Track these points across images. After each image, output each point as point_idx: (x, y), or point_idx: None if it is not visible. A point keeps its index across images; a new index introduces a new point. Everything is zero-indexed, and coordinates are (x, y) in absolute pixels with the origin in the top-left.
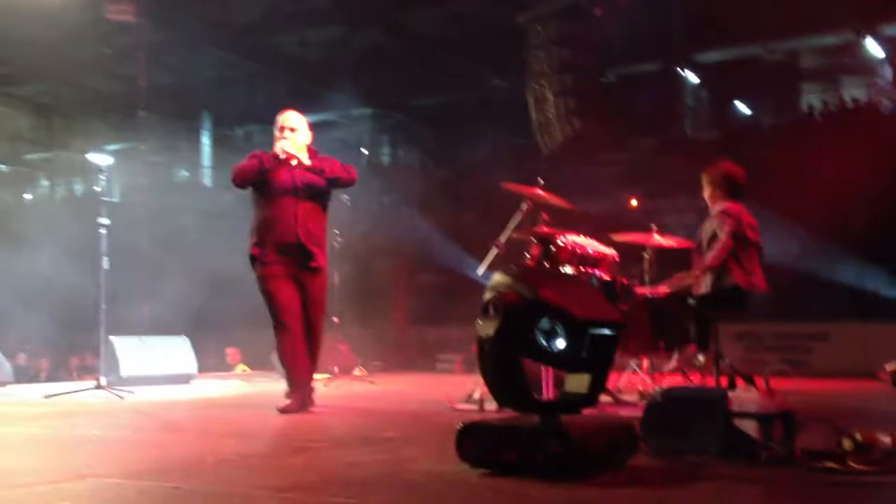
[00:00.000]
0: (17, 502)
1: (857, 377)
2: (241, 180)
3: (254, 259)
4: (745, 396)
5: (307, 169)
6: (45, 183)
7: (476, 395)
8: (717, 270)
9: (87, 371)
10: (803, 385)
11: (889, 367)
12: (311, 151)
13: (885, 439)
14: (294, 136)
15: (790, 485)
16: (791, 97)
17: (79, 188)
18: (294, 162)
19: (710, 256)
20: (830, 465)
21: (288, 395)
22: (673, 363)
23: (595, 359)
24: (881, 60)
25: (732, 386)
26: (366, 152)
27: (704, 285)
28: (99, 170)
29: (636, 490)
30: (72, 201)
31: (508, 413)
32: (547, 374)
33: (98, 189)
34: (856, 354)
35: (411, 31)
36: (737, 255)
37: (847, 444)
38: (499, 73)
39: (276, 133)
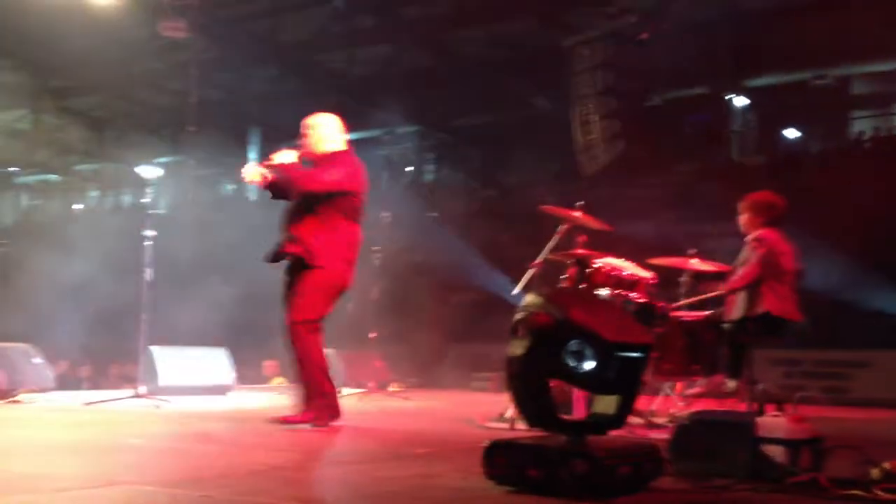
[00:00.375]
0: None
1: None
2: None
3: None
4: (773, 422)
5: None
6: (95, 193)
7: (508, 414)
8: (750, 297)
9: (126, 379)
10: (841, 413)
11: None
12: (329, 155)
13: None
14: (306, 140)
15: None
16: (840, 123)
17: (127, 199)
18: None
19: (733, 279)
20: (857, 492)
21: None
22: (697, 388)
23: (623, 380)
24: None
25: (762, 412)
26: (409, 169)
27: (736, 311)
28: (145, 182)
29: None
30: (119, 212)
31: (537, 432)
32: (579, 395)
33: (144, 201)
34: None
35: (458, 51)
36: (769, 283)
37: (875, 472)
38: (544, 95)
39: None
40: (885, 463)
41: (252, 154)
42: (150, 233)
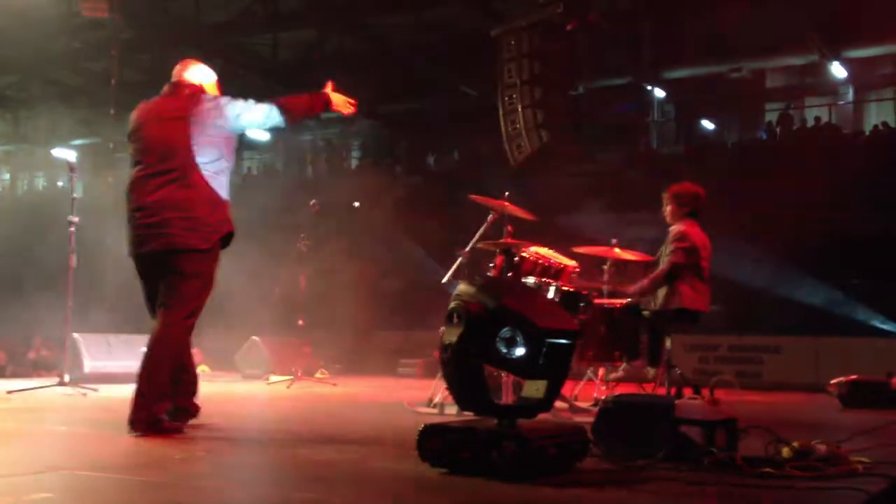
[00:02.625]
0: None
1: (807, 390)
2: None
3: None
4: (691, 404)
5: None
6: (6, 177)
7: (436, 399)
8: (668, 290)
9: (43, 366)
10: (754, 397)
11: (835, 380)
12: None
13: (821, 447)
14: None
15: (729, 488)
16: (755, 115)
17: (40, 182)
18: None
19: (656, 272)
20: (769, 470)
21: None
22: (619, 373)
23: (552, 366)
24: (843, 81)
25: (680, 395)
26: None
27: (654, 302)
28: (69, 166)
29: (585, 490)
30: (32, 195)
31: (467, 416)
32: (506, 380)
33: (60, 184)
34: (806, 368)
35: (385, 36)
36: (687, 278)
37: (785, 451)
38: (471, 83)
39: None
40: (795, 442)
41: None
42: (74, 218)
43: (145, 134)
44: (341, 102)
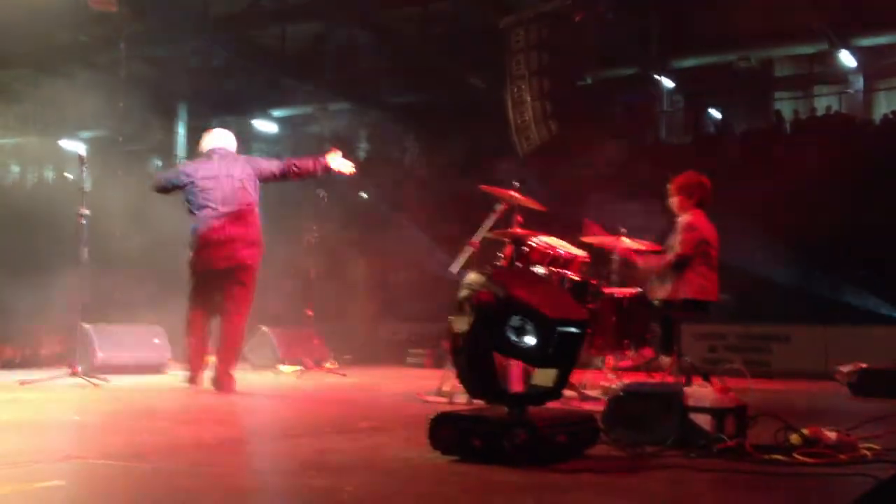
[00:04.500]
0: (9, 480)
1: (815, 378)
2: None
3: None
4: (700, 392)
5: None
6: (16, 169)
7: (446, 388)
8: (676, 280)
9: (57, 358)
10: (763, 384)
11: (844, 368)
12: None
13: (830, 434)
14: None
15: (739, 475)
16: (763, 104)
17: (49, 174)
18: None
19: (665, 258)
20: (778, 457)
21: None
22: (627, 362)
23: (561, 355)
24: (853, 70)
25: (689, 383)
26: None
27: (662, 291)
28: (79, 159)
29: (595, 477)
30: (42, 187)
31: (477, 404)
32: (515, 369)
33: (67, 175)
34: (815, 356)
35: (393, 28)
36: (696, 267)
37: (794, 438)
38: (480, 74)
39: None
40: (804, 429)
41: (181, 129)
42: (84, 211)
43: None
44: (342, 165)
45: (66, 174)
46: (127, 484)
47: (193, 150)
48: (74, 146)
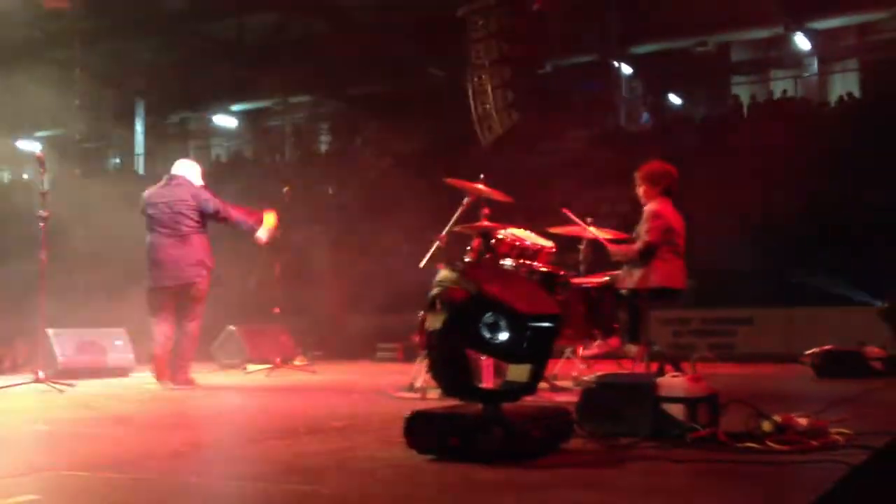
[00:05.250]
0: None
1: (780, 361)
2: None
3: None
4: (672, 382)
5: None
6: None
7: (418, 384)
8: (644, 269)
9: (18, 364)
10: (729, 369)
11: (809, 351)
12: None
13: (801, 421)
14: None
15: (714, 464)
16: (721, 89)
17: (5, 175)
18: None
19: (631, 249)
20: (751, 445)
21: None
22: (594, 350)
23: (535, 350)
24: (808, 53)
25: (662, 372)
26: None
27: (630, 281)
28: (38, 160)
29: (572, 471)
30: None
31: (450, 401)
32: (487, 364)
33: (25, 177)
34: (779, 338)
35: (352, 17)
36: (663, 256)
37: (766, 425)
38: (440, 63)
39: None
40: (776, 416)
41: (139, 126)
42: (43, 212)
43: None
44: (265, 234)
45: (23, 175)
46: (104, 495)
47: (152, 147)
48: (31, 146)
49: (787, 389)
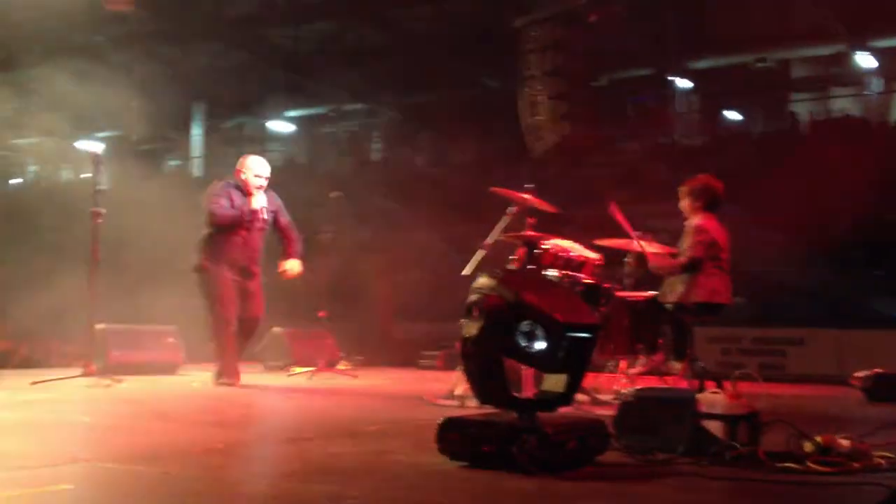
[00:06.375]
0: (18, 483)
1: (830, 383)
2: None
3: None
4: (713, 398)
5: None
6: (32, 169)
7: (458, 392)
8: (687, 284)
9: (69, 358)
10: (778, 389)
11: (859, 373)
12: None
13: (844, 442)
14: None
15: (751, 483)
16: (780, 106)
17: (66, 175)
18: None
19: (674, 262)
20: (790, 465)
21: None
22: (639, 367)
23: (572, 360)
24: (870, 72)
25: (702, 389)
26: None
27: (673, 296)
28: (93, 158)
29: (605, 484)
30: (58, 188)
31: (488, 409)
32: (527, 373)
33: (85, 176)
34: (830, 360)
35: (406, 28)
36: (707, 270)
37: (807, 446)
38: (493, 75)
39: (254, 177)
40: (817, 437)
41: (196, 129)
42: (99, 210)
43: None
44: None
45: (81, 175)
46: (135, 488)
47: (209, 150)
48: (90, 146)
49: (835, 411)
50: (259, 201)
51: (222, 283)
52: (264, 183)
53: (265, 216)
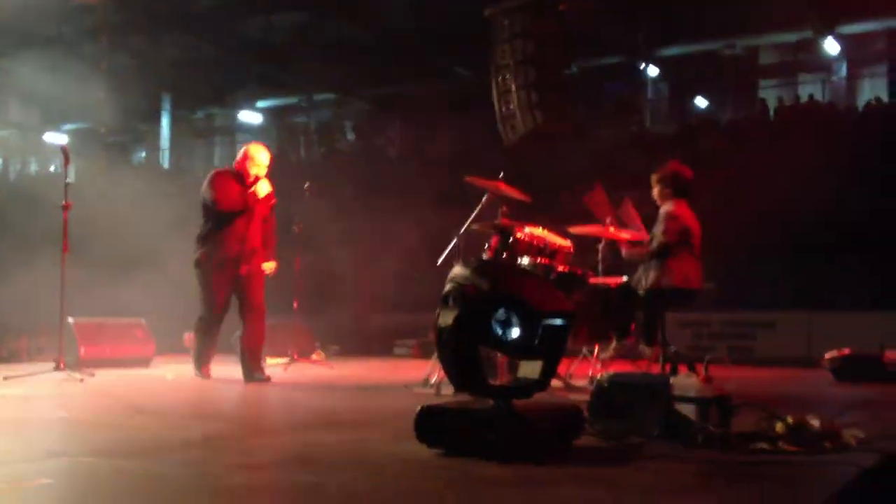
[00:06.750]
0: None
1: (800, 364)
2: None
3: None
4: (685, 382)
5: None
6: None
7: (433, 380)
8: (659, 270)
9: (38, 352)
10: (748, 373)
11: (828, 354)
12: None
13: (815, 422)
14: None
15: (724, 464)
16: (748, 93)
17: (32, 167)
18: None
19: (645, 247)
20: (762, 446)
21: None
22: (610, 352)
23: (547, 347)
24: (836, 58)
25: (675, 372)
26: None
27: (646, 281)
28: (63, 151)
29: (582, 469)
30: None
31: (464, 397)
32: (501, 361)
33: (52, 169)
34: (799, 342)
35: (378, 18)
36: (678, 255)
37: (779, 426)
38: (465, 65)
39: (255, 167)
40: (788, 418)
41: (165, 120)
42: (67, 203)
43: None
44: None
45: (50, 168)
46: (115, 483)
47: (177, 141)
48: (57, 138)
49: (805, 393)
50: (264, 188)
51: (216, 283)
52: (265, 172)
53: (271, 202)
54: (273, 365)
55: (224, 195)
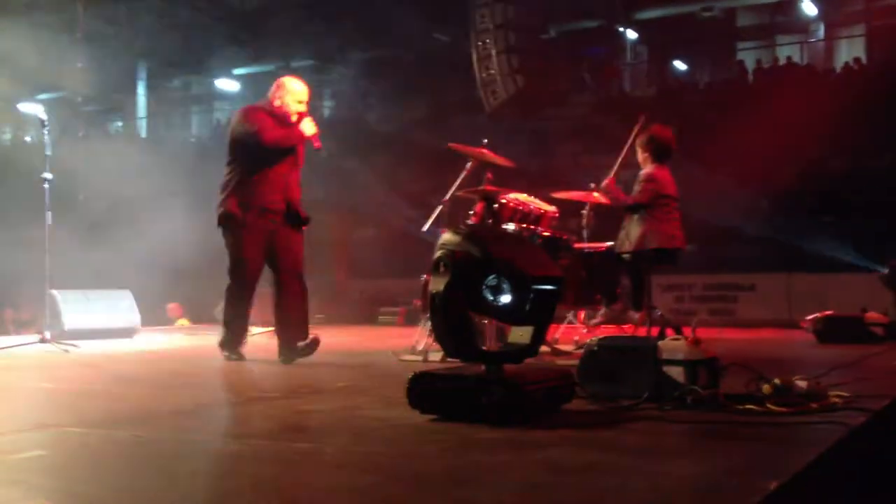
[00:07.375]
0: None
1: (781, 326)
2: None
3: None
4: (673, 345)
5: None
6: None
7: (420, 347)
8: (640, 232)
9: (23, 324)
10: (731, 335)
11: (809, 317)
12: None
13: (801, 383)
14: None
15: (713, 425)
16: (727, 55)
17: (7, 137)
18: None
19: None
20: (750, 407)
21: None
22: (598, 318)
23: (538, 312)
24: (814, 19)
25: (662, 336)
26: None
27: (629, 244)
28: (41, 122)
29: (573, 431)
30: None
31: (453, 362)
32: (490, 327)
33: (27, 139)
34: (780, 304)
35: None
36: (656, 216)
37: (766, 388)
38: (444, 30)
39: (296, 102)
40: (776, 379)
41: (141, 89)
42: (47, 175)
43: None
44: (313, 134)
45: (25, 138)
46: (107, 452)
47: (154, 110)
48: (33, 108)
49: (788, 354)
50: (310, 127)
51: (248, 240)
52: (305, 109)
53: (316, 146)
54: (258, 334)
55: (268, 130)
